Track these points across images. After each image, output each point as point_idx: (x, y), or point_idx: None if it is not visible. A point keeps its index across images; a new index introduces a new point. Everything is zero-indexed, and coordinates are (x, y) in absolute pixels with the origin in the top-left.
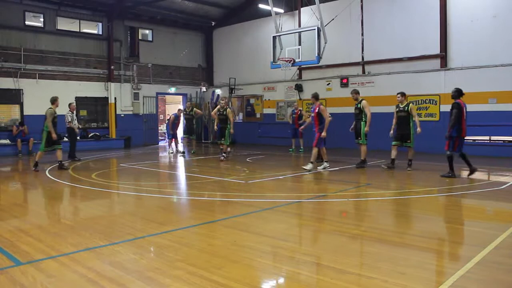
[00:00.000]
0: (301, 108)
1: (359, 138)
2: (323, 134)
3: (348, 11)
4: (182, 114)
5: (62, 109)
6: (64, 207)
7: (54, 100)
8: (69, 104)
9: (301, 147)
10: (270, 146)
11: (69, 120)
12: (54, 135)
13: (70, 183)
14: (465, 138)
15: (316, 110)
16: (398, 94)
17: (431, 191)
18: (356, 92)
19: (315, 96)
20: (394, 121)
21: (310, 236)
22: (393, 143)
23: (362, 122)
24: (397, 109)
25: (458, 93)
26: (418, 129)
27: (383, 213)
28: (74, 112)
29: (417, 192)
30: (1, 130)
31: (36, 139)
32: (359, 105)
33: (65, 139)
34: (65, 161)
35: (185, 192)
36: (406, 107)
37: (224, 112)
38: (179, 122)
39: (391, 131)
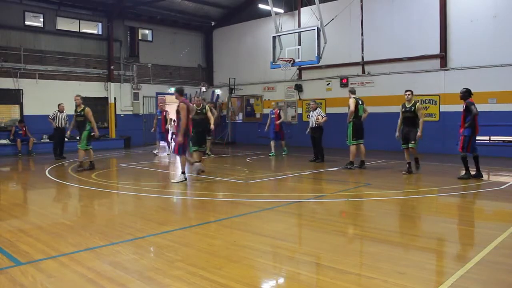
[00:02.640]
0: (280, 107)
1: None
2: (179, 139)
3: (348, 11)
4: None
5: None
6: (64, 207)
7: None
8: (59, 105)
9: (281, 149)
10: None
11: (51, 116)
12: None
13: (69, 183)
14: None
15: (177, 108)
16: (407, 91)
17: (431, 191)
18: (349, 91)
19: (179, 91)
20: (399, 122)
21: (310, 236)
22: (402, 146)
23: (349, 124)
24: (403, 109)
25: (468, 93)
26: (419, 133)
27: (383, 213)
28: (64, 112)
29: (417, 192)
30: (1, 130)
31: (36, 139)
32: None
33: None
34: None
35: (185, 192)
36: (413, 107)
37: (204, 111)
38: (163, 118)
39: (397, 133)
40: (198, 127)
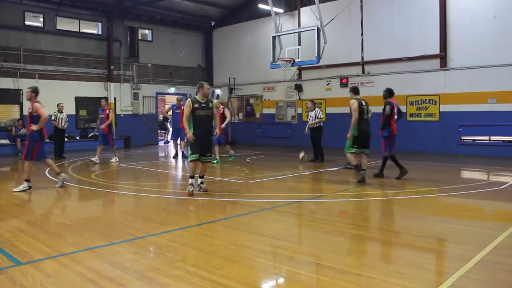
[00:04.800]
0: (226, 105)
1: None
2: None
3: (348, 11)
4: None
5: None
6: (63, 207)
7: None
8: (58, 104)
9: (217, 157)
10: (269, 146)
11: (53, 118)
12: None
13: (69, 183)
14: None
15: (30, 110)
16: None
17: (431, 191)
18: (350, 90)
19: (35, 91)
20: None
21: (310, 236)
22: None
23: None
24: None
25: (388, 93)
26: (348, 134)
27: (383, 213)
28: (63, 112)
29: (417, 192)
30: (1, 130)
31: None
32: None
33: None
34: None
35: (185, 192)
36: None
37: (210, 105)
38: (105, 117)
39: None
40: (202, 127)
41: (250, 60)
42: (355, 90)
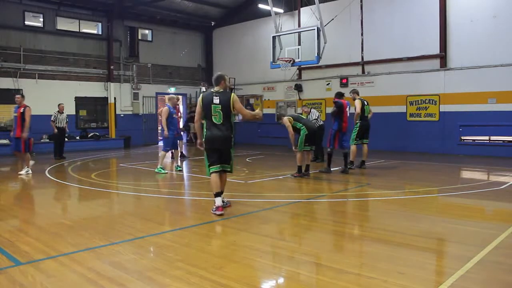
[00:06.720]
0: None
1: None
2: None
3: (348, 11)
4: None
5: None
6: (63, 207)
7: None
8: (58, 105)
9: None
10: (270, 146)
11: (52, 119)
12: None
13: (69, 183)
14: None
15: None
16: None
17: (431, 191)
18: (354, 92)
19: None
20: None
21: (310, 236)
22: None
23: (355, 125)
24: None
25: (338, 95)
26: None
27: (383, 213)
28: (64, 112)
29: (417, 192)
30: (1, 130)
31: (36, 139)
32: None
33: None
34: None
35: (185, 192)
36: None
37: (230, 102)
38: (19, 117)
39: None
40: (219, 129)
41: (250, 60)
42: (357, 92)
